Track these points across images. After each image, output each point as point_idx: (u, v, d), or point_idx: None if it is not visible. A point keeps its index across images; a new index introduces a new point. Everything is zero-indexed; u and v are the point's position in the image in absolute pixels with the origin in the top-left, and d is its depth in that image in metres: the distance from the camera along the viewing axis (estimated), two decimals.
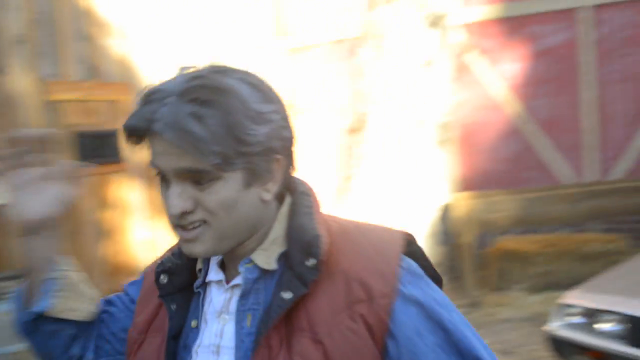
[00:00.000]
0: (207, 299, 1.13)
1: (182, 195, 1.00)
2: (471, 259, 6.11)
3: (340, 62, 8.17)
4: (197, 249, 1.03)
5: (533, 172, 7.89)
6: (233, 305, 1.09)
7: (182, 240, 1.04)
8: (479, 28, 8.01)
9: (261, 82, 1.05)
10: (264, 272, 1.07)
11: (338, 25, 8.34)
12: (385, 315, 1.00)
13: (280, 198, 1.12)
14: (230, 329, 1.07)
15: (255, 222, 1.07)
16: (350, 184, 8.08)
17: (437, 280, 1.13)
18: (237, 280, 1.09)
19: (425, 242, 5.91)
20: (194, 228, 1.02)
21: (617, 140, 7.67)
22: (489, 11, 7.96)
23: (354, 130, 6.62)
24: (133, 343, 1.20)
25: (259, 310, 1.04)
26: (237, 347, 1.05)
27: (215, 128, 0.96)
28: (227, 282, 1.12)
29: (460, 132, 7.99)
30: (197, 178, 0.99)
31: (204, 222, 1.02)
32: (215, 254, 1.08)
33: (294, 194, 1.14)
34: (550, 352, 4.10)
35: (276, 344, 1.00)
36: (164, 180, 1.03)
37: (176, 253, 1.17)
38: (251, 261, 1.07)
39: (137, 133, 1.00)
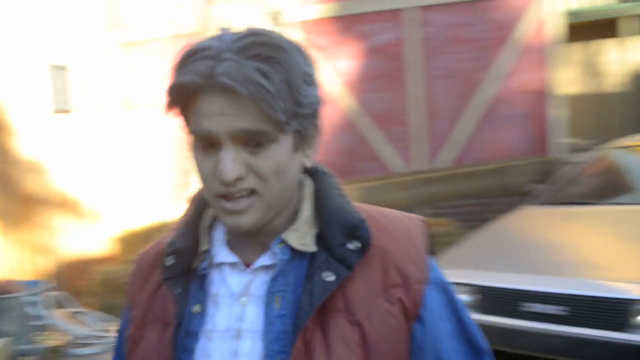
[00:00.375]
0: (214, 282, 1.07)
1: (236, 160, 0.95)
2: None
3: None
4: (245, 220, 0.98)
5: (367, 163, 8.34)
6: (256, 288, 1.04)
7: (228, 212, 0.98)
8: (314, 26, 8.30)
9: (299, 44, 1.01)
10: (294, 253, 1.04)
11: (175, 20, 8.26)
12: (420, 300, 1.03)
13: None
14: (253, 312, 1.03)
15: (292, 192, 1.05)
16: (188, 178, 8.05)
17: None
18: (263, 261, 1.05)
19: None
20: (242, 197, 0.97)
21: (442, 132, 8.31)
22: (323, 10, 8.27)
23: None
24: (131, 342, 1.13)
25: (288, 292, 1.01)
26: (267, 330, 1.00)
27: (280, 85, 0.93)
28: (246, 264, 1.07)
29: None
30: (255, 140, 0.95)
31: (253, 191, 0.98)
32: (259, 227, 1.02)
33: (317, 173, 1.12)
34: None
35: (311, 325, 0.99)
36: (210, 146, 0.97)
37: (184, 233, 1.09)
38: (282, 241, 1.04)
39: (190, 90, 0.94)
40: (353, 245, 1.01)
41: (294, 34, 8.03)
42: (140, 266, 1.18)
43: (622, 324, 3.37)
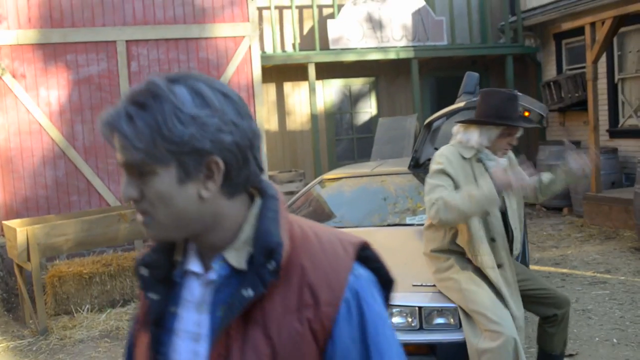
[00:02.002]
0: (186, 288, 1.22)
1: (129, 184, 1.12)
2: (38, 285, 5.97)
3: None
4: (148, 232, 1.16)
5: (83, 196, 8.06)
6: (208, 297, 1.18)
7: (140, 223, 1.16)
8: (19, 52, 7.83)
9: (212, 90, 1.12)
10: (235, 270, 1.16)
11: None
12: (328, 322, 1.12)
13: (249, 199, 1.21)
14: (206, 319, 1.17)
15: (198, 216, 1.14)
16: None
17: (389, 282, 1.24)
18: (211, 275, 1.18)
19: None
20: (142, 214, 1.14)
21: None
22: (24, 35, 7.84)
23: None
24: (137, 336, 1.30)
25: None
26: (212, 335, 1.15)
27: (142, 127, 1.08)
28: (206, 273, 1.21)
29: None
30: (134, 170, 1.10)
31: (147, 212, 1.13)
32: (167, 240, 1.19)
33: (264, 197, 1.21)
34: None
35: (234, 333, 1.13)
36: None
37: (155, 248, 1.23)
38: (224, 259, 1.17)
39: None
40: (271, 265, 1.12)
41: None
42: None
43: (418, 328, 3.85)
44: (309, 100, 10.77)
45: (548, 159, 10.60)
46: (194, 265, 1.20)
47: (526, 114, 5.56)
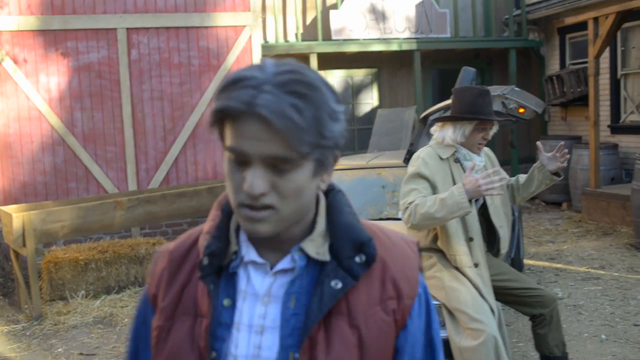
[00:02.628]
0: (243, 279, 1.19)
1: (262, 178, 1.07)
2: (33, 271, 6.01)
3: None
4: (261, 228, 1.10)
5: (81, 183, 8.11)
6: (276, 289, 1.17)
7: (248, 219, 1.10)
8: (15, 38, 7.86)
9: (330, 83, 1.13)
10: (309, 261, 1.17)
11: None
12: (407, 313, 1.20)
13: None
14: (273, 311, 1.16)
15: (308, 208, 1.17)
16: None
17: None
18: (283, 265, 1.17)
19: None
20: (262, 210, 1.09)
21: (153, 153, 8.44)
22: (25, 22, 7.86)
23: None
24: (160, 331, 1.22)
25: (302, 294, 1.15)
26: (283, 326, 1.14)
27: (309, 120, 1.05)
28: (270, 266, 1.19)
29: None
30: (280, 165, 1.07)
31: (272, 207, 1.09)
32: (273, 235, 1.14)
33: (333, 191, 1.24)
34: None
35: (316, 325, 1.13)
36: (241, 162, 1.09)
37: (216, 236, 1.20)
38: (301, 249, 1.17)
39: (231, 114, 1.06)
40: (359, 258, 1.16)
41: None
42: (169, 261, 1.27)
43: None
44: None
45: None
46: (254, 256, 1.19)
47: (521, 110, 5.57)
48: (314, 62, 10.45)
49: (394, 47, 11.00)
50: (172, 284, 1.24)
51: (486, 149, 3.76)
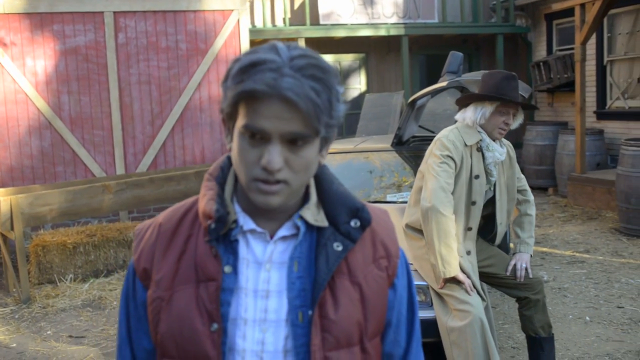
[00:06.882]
0: (243, 247, 1.26)
1: (280, 154, 1.15)
2: (21, 254, 6.01)
3: None
4: (274, 201, 1.18)
5: (68, 167, 8.08)
6: (277, 255, 1.25)
7: (262, 192, 1.18)
8: (5, 21, 7.79)
9: (334, 67, 1.24)
10: (307, 227, 1.27)
11: None
12: (396, 270, 1.33)
13: None
14: (276, 275, 1.24)
15: (308, 182, 1.28)
16: None
17: None
18: (284, 232, 1.26)
19: None
20: (276, 184, 1.17)
21: (141, 137, 8.42)
22: (11, 4, 7.79)
23: None
24: (160, 301, 1.26)
25: (303, 258, 1.25)
26: (289, 289, 1.23)
27: (325, 102, 1.15)
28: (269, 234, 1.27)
29: None
30: (297, 141, 1.16)
31: (285, 181, 1.17)
32: (282, 206, 1.23)
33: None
34: None
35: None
36: (259, 139, 1.16)
37: (222, 203, 1.25)
38: (300, 217, 1.26)
39: (255, 95, 1.12)
40: (354, 223, 1.27)
41: None
42: (160, 234, 1.31)
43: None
44: None
45: (535, 139, 10.65)
46: (254, 225, 1.26)
47: None
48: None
49: (382, 32, 11.01)
50: (166, 255, 1.28)
51: (509, 144, 3.80)
